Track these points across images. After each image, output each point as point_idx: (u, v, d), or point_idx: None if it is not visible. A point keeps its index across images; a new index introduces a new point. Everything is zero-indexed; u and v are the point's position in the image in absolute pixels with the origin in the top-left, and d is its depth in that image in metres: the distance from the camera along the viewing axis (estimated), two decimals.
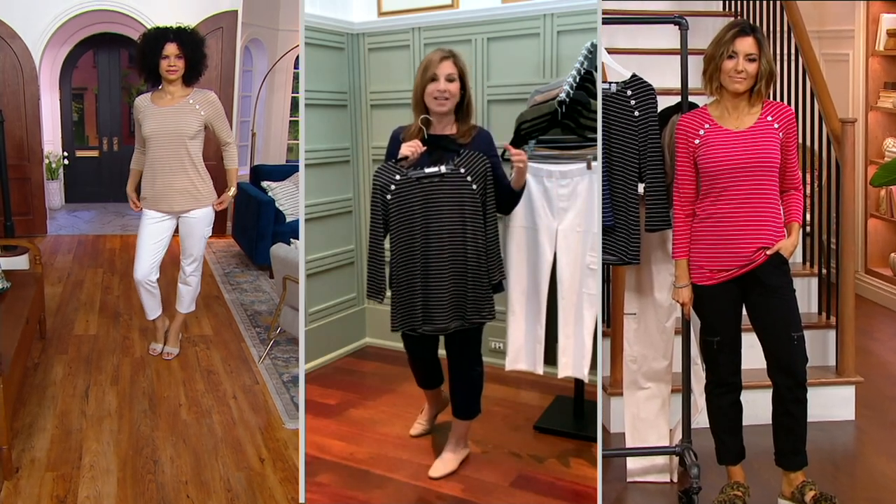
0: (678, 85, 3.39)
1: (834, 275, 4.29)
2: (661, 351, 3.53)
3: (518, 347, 3.27)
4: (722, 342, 3.15)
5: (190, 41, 4.43)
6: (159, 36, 4.40)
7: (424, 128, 3.05)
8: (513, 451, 3.32)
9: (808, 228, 4.59)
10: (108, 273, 7.31)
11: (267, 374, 4.67)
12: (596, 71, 3.04)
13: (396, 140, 3.15)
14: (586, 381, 3.32)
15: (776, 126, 3.05)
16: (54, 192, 10.64)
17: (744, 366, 3.22)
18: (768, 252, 3.04)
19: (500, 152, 3.19)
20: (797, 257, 4.66)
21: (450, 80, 3.01)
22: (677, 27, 3.34)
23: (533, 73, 3.47)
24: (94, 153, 11.75)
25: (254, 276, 7.14)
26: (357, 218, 3.87)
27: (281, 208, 7.57)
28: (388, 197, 3.05)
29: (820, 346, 4.31)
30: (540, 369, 3.25)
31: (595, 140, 2.96)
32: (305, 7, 3.21)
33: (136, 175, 4.80)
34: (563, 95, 3.09)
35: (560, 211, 3.13)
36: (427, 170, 3.02)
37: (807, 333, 3.23)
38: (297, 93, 10.10)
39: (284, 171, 8.15)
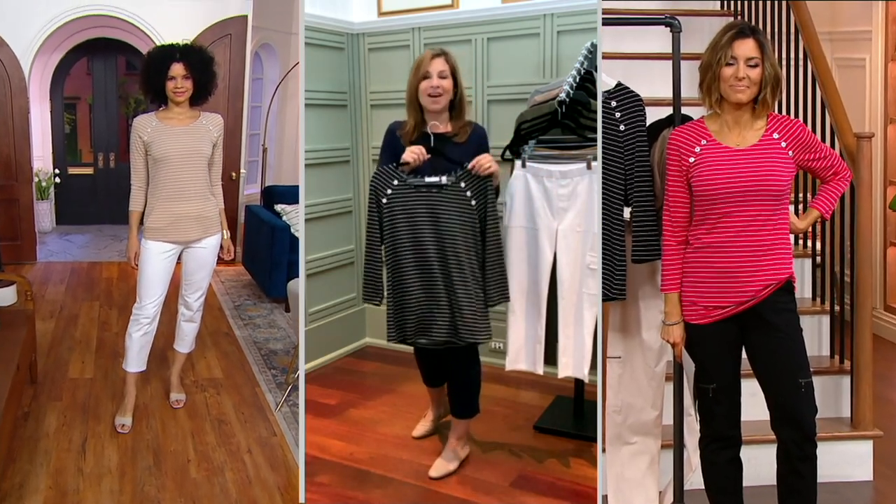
0: (669, 94, 3.05)
1: (848, 312, 3.77)
2: (649, 400, 3.16)
3: (518, 347, 3.26)
4: (718, 389, 2.79)
5: (198, 60, 4.06)
6: (165, 55, 4.04)
7: (432, 135, 3.04)
8: (513, 451, 3.33)
9: (817, 259, 4.03)
10: (105, 306, 6.53)
11: (285, 425, 4.16)
12: (596, 71, 3.04)
13: (393, 135, 3.15)
14: (586, 381, 3.32)
15: (783, 144, 2.70)
16: (44, 213, 9.81)
17: (744, 417, 2.86)
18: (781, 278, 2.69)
19: (501, 152, 3.20)
20: (805, 292, 4.12)
21: (442, 76, 3.03)
22: (668, 29, 3.01)
23: (533, 73, 3.47)
24: (89, 170, 10.82)
25: (267, 309, 6.48)
26: (357, 218, 3.88)
27: (296, 234, 6.63)
28: (384, 201, 3.04)
29: (832, 395, 3.81)
30: (540, 369, 3.25)
31: (595, 140, 2.96)
32: (305, 7, 3.21)
33: (139, 219, 4.17)
34: (563, 95, 3.09)
35: (560, 211, 3.13)
36: (427, 179, 3.00)
37: (817, 380, 2.87)
38: None
39: (298, 193, 7.43)
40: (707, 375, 2.80)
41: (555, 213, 3.14)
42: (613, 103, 2.91)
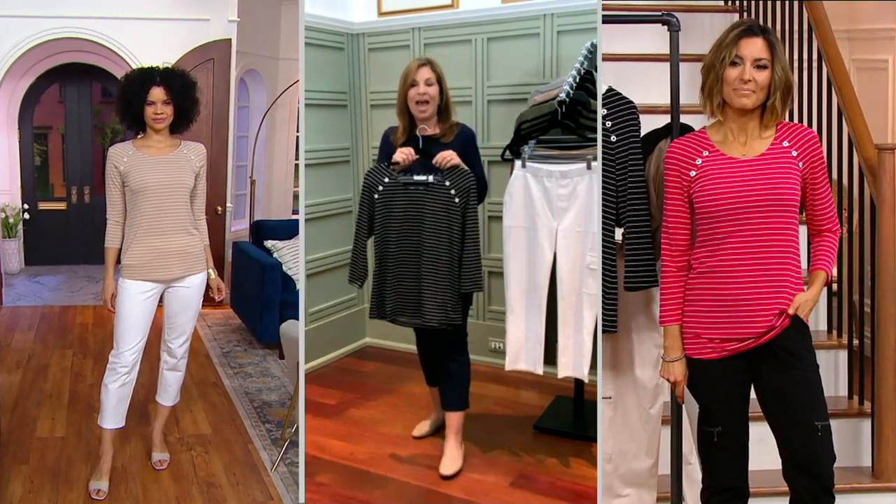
0: (667, 101, 2.82)
1: (868, 346, 3.44)
2: (643, 446, 2.91)
3: (518, 347, 3.27)
4: (724, 434, 2.51)
5: (179, 84, 3.78)
6: (144, 78, 3.75)
7: (420, 137, 3.20)
8: (513, 451, 3.33)
9: (834, 286, 3.64)
10: (80, 355, 5.96)
11: (283, 486, 3.78)
12: (596, 71, 3.03)
13: (387, 140, 3.32)
14: (586, 381, 3.32)
15: (794, 154, 2.45)
16: (12, 253, 9.14)
17: (752, 466, 2.58)
18: (789, 311, 2.42)
19: (501, 152, 3.23)
20: (820, 324, 3.76)
21: (428, 84, 3.18)
22: (665, 27, 2.76)
23: (533, 73, 3.48)
24: (61, 205, 10.03)
25: (259, 356, 5.99)
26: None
27: (289, 272, 6.27)
28: (375, 196, 3.22)
29: (851, 440, 3.47)
30: (540, 369, 3.25)
31: (595, 140, 2.96)
32: (305, 7, 3.21)
33: (116, 256, 3.81)
34: (562, 95, 3.09)
35: (560, 211, 3.13)
36: (415, 177, 3.17)
37: (834, 423, 2.53)
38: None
39: (290, 228, 6.82)
40: (711, 417, 2.53)
41: (555, 213, 3.14)
42: (604, 111, 2.66)
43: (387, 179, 3.21)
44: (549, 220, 3.15)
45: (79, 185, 9.99)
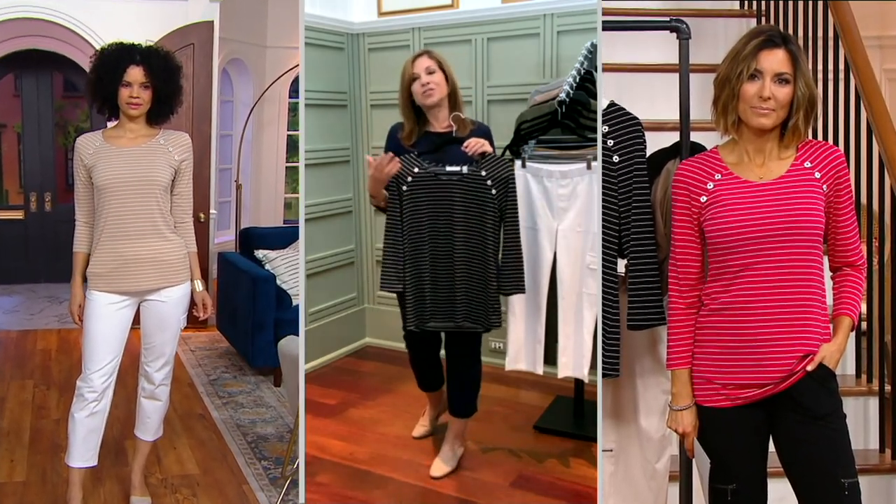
0: (675, 116, 2.63)
1: None
2: None
3: (518, 347, 3.27)
4: (739, 492, 2.28)
5: (161, 66, 3.36)
6: (121, 55, 3.31)
7: (455, 125, 3.09)
8: (513, 451, 3.33)
9: (863, 325, 3.36)
10: (42, 386, 5.40)
11: None
12: (596, 71, 3.03)
13: (394, 135, 3.26)
14: (586, 381, 3.32)
15: (817, 175, 2.22)
16: None
17: None
18: (808, 368, 2.19)
19: (501, 152, 3.22)
20: (848, 367, 3.49)
21: (429, 72, 3.11)
22: (674, 34, 2.56)
23: (533, 73, 3.48)
24: (18, 214, 8.99)
25: (252, 384, 5.43)
26: (357, 218, 3.88)
27: (283, 286, 5.69)
28: (404, 189, 3.12)
29: (884, 499, 3.21)
30: (540, 369, 3.25)
31: (595, 140, 2.96)
32: (305, 7, 3.22)
33: (84, 263, 3.39)
34: (562, 95, 3.09)
35: (560, 211, 3.13)
36: (448, 168, 3.07)
37: (864, 480, 2.30)
38: (295, 130, 7.74)
39: (284, 236, 6.21)
40: (726, 474, 2.30)
41: (555, 213, 3.14)
42: (605, 128, 2.43)
43: (416, 170, 3.07)
44: (550, 220, 3.15)
45: (38, 191, 8.95)
